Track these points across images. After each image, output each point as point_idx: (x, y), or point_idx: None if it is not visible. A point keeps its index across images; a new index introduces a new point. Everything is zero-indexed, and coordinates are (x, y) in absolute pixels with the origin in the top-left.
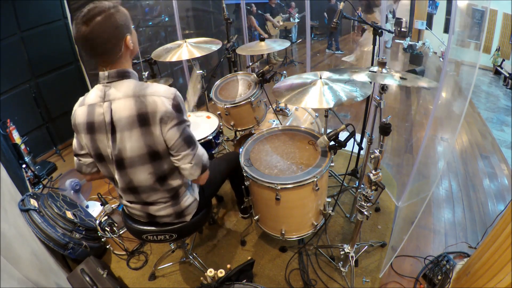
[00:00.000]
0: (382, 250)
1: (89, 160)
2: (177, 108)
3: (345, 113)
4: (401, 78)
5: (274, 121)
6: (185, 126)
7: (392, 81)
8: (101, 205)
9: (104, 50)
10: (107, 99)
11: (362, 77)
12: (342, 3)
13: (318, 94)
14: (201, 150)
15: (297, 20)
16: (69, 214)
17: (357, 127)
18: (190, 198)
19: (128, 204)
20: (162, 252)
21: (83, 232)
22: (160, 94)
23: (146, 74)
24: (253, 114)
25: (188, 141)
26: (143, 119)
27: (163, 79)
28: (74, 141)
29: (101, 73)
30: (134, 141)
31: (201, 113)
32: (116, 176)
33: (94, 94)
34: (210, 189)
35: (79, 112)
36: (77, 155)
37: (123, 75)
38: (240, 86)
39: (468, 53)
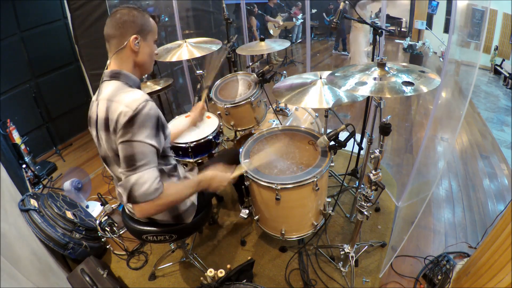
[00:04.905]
0: (382, 250)
1: None
2: (132, 122)
3: (345, 113)
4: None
5: (274, 121)
6: (133, 143)
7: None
8: (101, 205)
9: (111, 36)
10: (97, 99)
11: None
12: (342, 3)
13: (318, 94)
14: (140, 180)
15: (300, 21)
16: (69, 214)
17: (357, 127)
18: (187, 202)
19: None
20: (162, 252)
21: (83, 232)
22: (124, 103)
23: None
24: (253, 114)
25: (127, 160)
26: (106, 124)
27: (163, 79)
28: None
29: (105, 71)
30: (105, 143)
31: None
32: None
33: (97, 91)
34: None
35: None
36: None
37: (114, 76)
38: (240, 86)
39: (468, 53)
